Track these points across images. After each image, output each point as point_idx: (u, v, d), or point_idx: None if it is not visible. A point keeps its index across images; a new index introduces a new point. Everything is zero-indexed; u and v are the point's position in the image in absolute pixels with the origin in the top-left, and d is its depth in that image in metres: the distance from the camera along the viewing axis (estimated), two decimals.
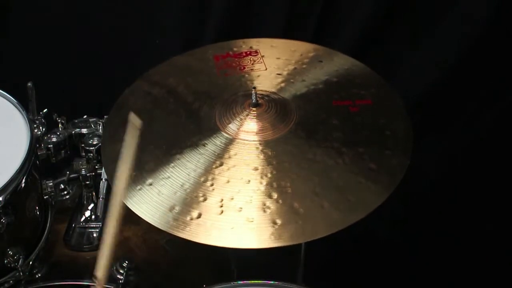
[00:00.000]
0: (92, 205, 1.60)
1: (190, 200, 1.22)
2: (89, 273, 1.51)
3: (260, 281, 1.34)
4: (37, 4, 2.02)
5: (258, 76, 1.46)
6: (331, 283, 1.84)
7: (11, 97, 1.49)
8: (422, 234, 2.01)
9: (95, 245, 1.56)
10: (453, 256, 1.98)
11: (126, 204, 1.23)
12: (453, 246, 1.98)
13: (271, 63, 1.49)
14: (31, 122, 1.43)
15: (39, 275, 1.49)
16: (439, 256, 1.98)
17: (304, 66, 1.48)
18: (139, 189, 1.25)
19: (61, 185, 1.67)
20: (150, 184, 1.26)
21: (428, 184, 2.05)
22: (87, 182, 1.58)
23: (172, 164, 1.28)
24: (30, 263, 1.43)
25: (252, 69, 1.48)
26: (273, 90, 1.41)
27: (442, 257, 1.98)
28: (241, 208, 1.20)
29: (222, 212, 1.20)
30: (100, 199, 1.58)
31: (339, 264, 2.00)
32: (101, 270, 1.05)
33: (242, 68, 1.49)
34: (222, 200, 1.22)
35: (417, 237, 2.01)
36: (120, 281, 1.48)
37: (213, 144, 1.31)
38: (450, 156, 2.06)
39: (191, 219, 1.20)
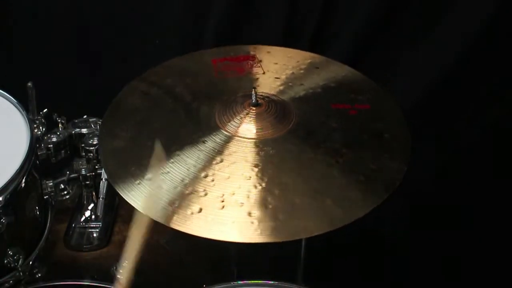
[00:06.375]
0: (92, 205, 1.60)
1: (191, 195, 1.22)
2: (89, 273, 1.51)
3: (260, 281, 1.34)
4: (37, 4, 2.02)
5: (257, 78, 1.46)
6: (331, 283, 1.84)
7: (11, 97, 1.49)
8: (422, 234, 2.01)
9: (95, 245, 1.56)
10: (453, 256, 1.98)
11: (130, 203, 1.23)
12: (453, 246, 1.97)
13: (269, 67, 1.49)
14: (31, 122, 1.43)
15: (39, 275, 1.48)
16: (440, 256, 1.98)
17: (301, 71, 1.49)
18: (138, 183, 1.25)
19: (61, 185, 1.66)
20: (150, 179, 1.25)
21: (428, 185, 2.05)
22: (87, 182, 1.57)
23: (172, 160, 1.27)
24: (30, 263, 1.43)
25: (250, 72, 1.48)
26: (273, 92, 1.42)
27: (442, 257, 1.98)
28: (242, 203, 1.20)
29: (223, 207, 1.20)
30: (100, 199, 1.58)
31: (339, 264, 2.00)
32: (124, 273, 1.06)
33: (241, 70, 1.49)
34: (223, 195, 1.21)
35: (418, 237, 2.01)
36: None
37: (213, 142, 1.30)
38: (450, 155, 2.06)
39: (192, 213, 1.19)
